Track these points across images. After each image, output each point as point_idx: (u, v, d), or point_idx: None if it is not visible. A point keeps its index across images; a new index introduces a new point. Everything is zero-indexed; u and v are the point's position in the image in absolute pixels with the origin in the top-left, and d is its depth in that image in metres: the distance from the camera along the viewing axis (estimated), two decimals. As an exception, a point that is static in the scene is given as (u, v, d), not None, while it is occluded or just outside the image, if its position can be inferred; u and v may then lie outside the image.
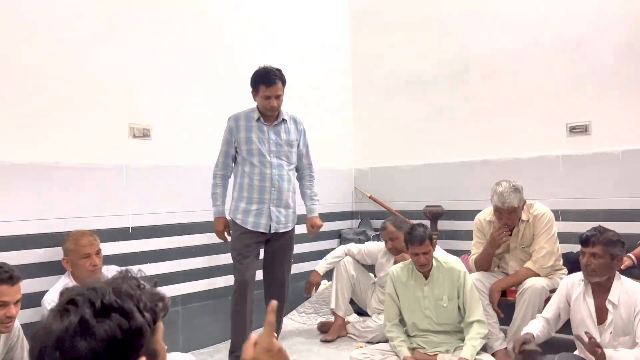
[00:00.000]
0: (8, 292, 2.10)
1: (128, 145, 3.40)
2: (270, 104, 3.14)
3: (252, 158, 3.19)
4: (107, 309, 0.87)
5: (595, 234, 2.54)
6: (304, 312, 4.35)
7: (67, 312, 0.87)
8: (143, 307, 0.91)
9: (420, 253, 2.99)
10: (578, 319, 2.63)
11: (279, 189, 3.22)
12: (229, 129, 3.25)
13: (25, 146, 2.95)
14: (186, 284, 3.62)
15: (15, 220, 2.88)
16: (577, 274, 2.69)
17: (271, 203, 3.20)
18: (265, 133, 3.21)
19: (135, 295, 0.91)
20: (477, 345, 2.92)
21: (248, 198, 3.20)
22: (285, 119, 3.28)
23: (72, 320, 0.85)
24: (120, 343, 0.86)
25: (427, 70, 4.59)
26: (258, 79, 3.15)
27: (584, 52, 3.77)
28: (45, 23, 3.04)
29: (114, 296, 0.89)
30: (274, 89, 3.13)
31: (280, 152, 3.24)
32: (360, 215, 5.01)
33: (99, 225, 3.16)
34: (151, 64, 3.53)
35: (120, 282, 0.93)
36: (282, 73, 3.18)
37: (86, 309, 0.86)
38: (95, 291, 0.89)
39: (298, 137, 3.35)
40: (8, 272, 2.11)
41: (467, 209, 4.15)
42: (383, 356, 3.10)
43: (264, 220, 3.21)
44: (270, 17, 4.38)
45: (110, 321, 0.86)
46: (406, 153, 4.72)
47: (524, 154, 4.00)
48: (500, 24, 4.18)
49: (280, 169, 3.22)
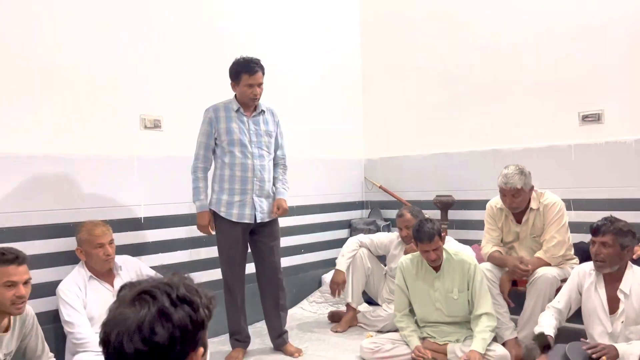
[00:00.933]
0: (15, 272, 2.15)
1: (139, 136, 3.42)
2: (253, 92, 3.12)
3: (232, 148, 3.14)
4: (181, 300, 0.99)
5: (606, 224, 2.54)
6: (314, 301, 4.37)
7: (144, 301, 0.97)
8: (203, 303, 1.03)
9: (430, 250, 2.98)
10: (589, 308, 2.63)
11: (260, 179, 3.19)
12: (208, 120, 3.18)
13: (39, 138, 2.98)
14: (197, 273, 3.64)
15: (29, 211, 2.92)
16: (588, 263, 2.68)
17: (254, 193, 3.18)
18: (246, 123, 3.18)
19: (199, 292, 1.03)
20: (487, 338, 2.92)
21: (230, 189, 3.16)
22: (264, 109, 3.26)
23: (152, 309, 0.96)
24: (190, 332, 0.97)
25: (438, 59, 4.56)
26: (240, 68, 3.12)
27: (597, 40, 3.72)
28: (54, 17, 3.05)
29: (185, 290, 1.00)
30: (256, 77, 3.11)
31: (261, 142, 3.21)
32: (370, 205, 5.01)
33: (111, 216, 3.19)
34: (162, 56, 3.54)
35: (182, 279, 1.04)
36: (261, 64, 3.16)
37: (165, 299, 0.97)
38: (169, 285, 1.00)
39: (275, 128, 3.33)
40: (14, 253, 2.17)
41: (477, 198, 4.14)
42: (393, 345, 3.11)
43: (248, 211, 3.17)
44: (281, 7, 4.37)
45: (183, 311, 0.98)
46: (416, 143, 4.70)
47: (535, 143, 3.97)
48: (511, 13, 4.13)
49: (261, 160, 3.20)
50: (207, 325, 1.03)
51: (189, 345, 0.98)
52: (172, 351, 0.95)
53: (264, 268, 3.34)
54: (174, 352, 0.95)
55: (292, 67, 4.44)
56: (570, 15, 3.84)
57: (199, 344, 1.00)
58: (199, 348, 1.00)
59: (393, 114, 4.89)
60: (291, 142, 3.67)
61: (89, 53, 3.19)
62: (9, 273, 2.14)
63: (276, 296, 3.33)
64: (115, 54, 3.30)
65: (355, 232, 4.63)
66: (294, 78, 4.46)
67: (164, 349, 0.94)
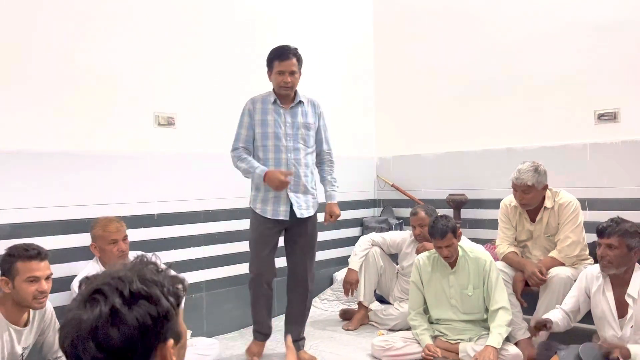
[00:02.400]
0: (38, 267, 2.20)
1: (153, 133, 3.45)
2: (284, 80, 3.00)
3: (266, 141, 3.04)
4: (136, 296, 0.89)
5: (612, 225, 2.50)
6: (326, 299, 4.38)
7: (95, 301, 0.88)
8: (167, 291, 0.93)
9: (443, 246, 2.98)
10: (598, 313, 2.60)
11: (295, 174, 3.04)
12: (247, 112, 3.10)
13: (54, 135, 3.01)
14: (210, 270, 3.67)
15: (44, 207, 2.95)
16: (595, 266, 2.65)
17: (288, 189, 3.03)
18: (282, 116, 3.06)
19: (159, 281, 0.93)
20: (503, 333, 2.91)
21: (265, 185, 3.02)
22: (302, 101, 3.13)
23: (103, 310, 0.86)
24: (151, 328, 0.88)
25: (451, 56, 4.53)
26: (272, 55, 3.05)
27: (613, 37, 3.67)
28: (69, 16, 3.08)
29: (140, 283, 0.90)
30: (287, 64, 3.00)
31: (297, 136, 3.07)
32: (382, 204, 5.00)
33: (125, 212, 3.22)
34: (175, 53, 3.56)
35: (141, 268, 0.94)
36: (297, 51, 3.05)
37: (115, 297, 0.87)
38: (121, 280, 0.90)
39: (316, 121, 3.18)
40: (36, 249, 2.23)
41: (490, 197, 4.12)
42: (405, 343, 3.11)
43: (282, 207, 3.04)
44: (293, 4, 4.37)
45: (140, 308, 0.88)
46: (429, 141, 4.68)
47: (549, 142, 3.93)
48: (526, 11, 4.09)
49: (296, 153, 3.06)
50: (175, 314, 0.93)
51: (154, 341, 0.89)
52: (134, 353, 0.87)
53: (294, 271, 3.20)
54: (136, 354, 0.87)
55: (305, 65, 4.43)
56: (586, 13, 3.80)
57: (167, 335, 0.91)
58: (167, 340, 0.91)
59: (405, 112, 4.88)
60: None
61: (104, 52, 3.21)
62: (32, 268, 2.18)
63: (302, 302, 3.21)
64: (129, 53, 3.32)
65: (368, 230, 4.62)
66: (306, 76, 4.44)
67: (124, 352, 0.86)
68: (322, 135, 3.24)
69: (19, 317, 2.25)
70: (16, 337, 2.24)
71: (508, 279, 3.16)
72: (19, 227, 2.84)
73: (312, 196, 3.16)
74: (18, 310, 2.24)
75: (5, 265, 2.20)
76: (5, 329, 2.20)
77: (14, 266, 2.18)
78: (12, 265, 2.18)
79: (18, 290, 2.18)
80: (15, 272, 2.17)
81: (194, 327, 3.43)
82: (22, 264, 2.18)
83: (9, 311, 2.22)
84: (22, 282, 2.17)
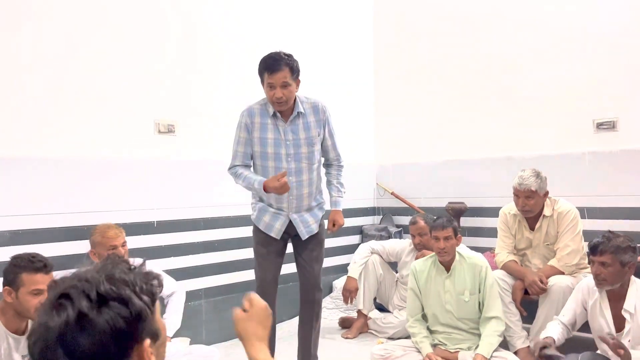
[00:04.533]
0: (43, 280, 2.17)
1: (153, 140, 3.46)
2: (275, 95, 2.64)
3: (265, 162, 2.79)
4: (104, 298, 0.84)
5: (603, 242, 2.45)
6: (325, 307, 4.35)
7: (62, 306, 0.83)
8: (140, 290, 0.88)
9: (441, 238, 3.00)
10: (596, 327, 2.59)
11: (297, 196, 2.81)
12: (244, 126, 2.79)
13: (53, 141, 3.02)
14: (209, 277, 3.67)
15: (44, 214, 2.96)
16: (591, 279, 2.63)
17: (290, 211, 2.83)
18: (281, 133, 2.76)
19: (129, 280, 0.88)
20: (494, 343, 2.92)
21: (266, 202, 2.87)
22: (301, 111, 2.78)
23: (70, 315, 0.82)
24: (124, 330, 0.84)
25: (451, 66, 4.55)
26: (261, 66, 2.68)
27: (612, 47, 3.69)
28: (71, 21, 3.10)
29: (108, 284, 0.86)
30: (278, 77, 2.61)
31: (300, 154, 2.79)
32: (382, 212, 5.00)
33: (124, 220, 3.22)
34: (176, 62, 3.57)
35: (111, 268, 0.90)
36: (291, 58, 2.68)
37: (82, 301, 0.83)
38: (87, 282, 0.85)
39: (320, 130, 2.85)
40: (42, 261, 2.19)
41: (490, 205, 4.12)
42: (404, 352, 3.10)
43: (278, 226, 2.83)
44: (294, 9, 4.39)
45: (110, 310, 0.84)
46: (429, 149, 4.69)
47: (549, 151, 3.94)
48: (525, 21, 4.11)
49: (298, 175, 2.79)
50: (149, 313, 0.88)
51: (129, 343, 0.85)
52: (107, 357, 0.82)
53: (303, 282, 2.97)
54: (110, 358, 0.83)
55: (304, 71, 4.44)
56: (586, 23, 3.82)
57: (143, 335, 0.86)
58: (144, 340, 0.86)
59: (405, 120, 4.89)
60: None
61: (105, 59, 3.23)
62: (37, 281, 2.15)
63: (314, 317, 3.00)
64: (130, 61, 3.34)
65: (367, 238, 4.62)
66: (305, 83, 4.45)
67: (96, 357, 0.81)
68: (329, 142, 2.94)
69: (18, 326, 2.24)
70: (14, 346, 2.22)
71: (507, 287, 3.16)
72: (18, 234, 2.84)
73: (317, 207, 2.96)
74: (18, 320, 2.23)
75: (10, 275, 2.16)
76: (4, 338, 2.18)
77: (19, 277, 2.14)
78: (17, 276, 2.14)
79: (21, 302, 2.14)
80: (20, 283, 2.14)
81: (193, 335, 3.42)
82: (27, 276, 2.14)
83: (8, 320, 2.20)
84: (27, 294, 2.13)
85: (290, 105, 2.75)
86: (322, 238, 3.01)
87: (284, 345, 3.37)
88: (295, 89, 2.73)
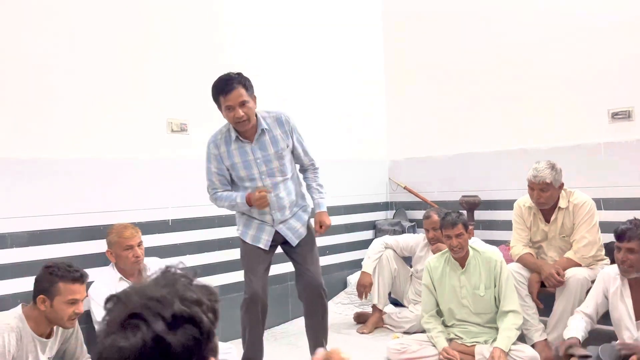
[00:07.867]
0: (79, 290, 2.20)
1: (166, 139, 3.48)
2: (235, 115, 2.63)
3: (243, 184, 2.82)
4: (179, 320, 0.83)
5: (631, 228, 2.45)
6: (340, 302, 4.38)
7: (135, 327, 0.81)
8: (206, 309, 0.87)
9: (452, 236, 2.98)
10: (616, 315, 2.58)
11: (279, 208, 2.84)
12: (214, 158, 2.80)
13: (68, 142, 3.05)
14: (225, 274, 3.68)
15: (60, 214, 2.99)
16: (613, 267, 2.62)
17: (275, 223, 2.86)
18: (250, 153, 2.77)
19: (198, 299, 0.87)
20: (512, 336, 2.90)
21: (249, 216, 2.90)
22: (265, 127, 2.76)
23: (146, 337, 0.80)
24: (194, 351, 0.83)
25: (463, 58, 4.52)
26: (214, 91, 2.68)
27: (626, 35, 3.64)
28: (84, 22, 3.12)
29: (182, 305, 0.84)
30: (233, 97, 2.61)
31: (272, 169, 2.80)
32: (395, 206, 4.99)
33: (139, 218, 3.25)
34: (188, 61, 3.59)
35: (174, 284, 0.88)
36: (241, 76, 2.68)
37: (157, 323, 0.81)
38: (159, 302, 0.84)
39: (288, 141, 2.84)
40: (78, 271, 2.22)
41: (504, 198, 4.09)
42: (420, 346, 3.10)
43: (265, 236, 2.86)
44: (303, 7, 4.39)
45: (185, 332, 0.82)
46: (441, 143, 4.67)
47: (563, 142, 3.90)
48: (537, 10, 4.07)
49: (275, 189, 2.80)
50: (215, 331, 0.88)
51: None
52: None
53: (304, 282, 2.93)
54: None
55: (315, 67, 4.45)
56: (599, 11, 3.77)
57: (208, 355, 0.86)
58: (208, 359, 0.86)
59: (417, 114, 4.87)
60: (314, 143, 3.67)
61: (118, 59, 3.25)
62: (74, 291, 2.18)
63: (322, 313, 2.95)
64: (142, 60, 3.36)
65: (380, 233, 4.61)
66: (317, 79, 4.47)
67: None
68: (300, 149, 2.92)
69: (44, 331, 2.27)
70: (40, 349, 2.25)
71: (523, 280, 3.14)
72: (35, 235, 2.88)
73: (302, 210, 2.97)
74: (47, 325, 2.25)
75: (45, 283, 2.17)
76: (31, 341, 2.21)
77: (55, 286, 2.15)
78: (53, 285, 2.15)
79: (56, 310, 2.16)
80: (56, 292, 2.15)
81: (209, 332, 3.43)
82: (64, 285, 2.16)
83: (38, 325, 2.22)
84: (62, 303, 2.16)
85: (253, 122, 2.72)
86: (312, 238, 3.01)
87: (286, 347, 3.40)
88: (254, 105, 2.71)
